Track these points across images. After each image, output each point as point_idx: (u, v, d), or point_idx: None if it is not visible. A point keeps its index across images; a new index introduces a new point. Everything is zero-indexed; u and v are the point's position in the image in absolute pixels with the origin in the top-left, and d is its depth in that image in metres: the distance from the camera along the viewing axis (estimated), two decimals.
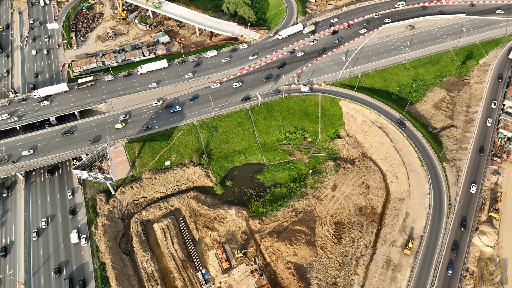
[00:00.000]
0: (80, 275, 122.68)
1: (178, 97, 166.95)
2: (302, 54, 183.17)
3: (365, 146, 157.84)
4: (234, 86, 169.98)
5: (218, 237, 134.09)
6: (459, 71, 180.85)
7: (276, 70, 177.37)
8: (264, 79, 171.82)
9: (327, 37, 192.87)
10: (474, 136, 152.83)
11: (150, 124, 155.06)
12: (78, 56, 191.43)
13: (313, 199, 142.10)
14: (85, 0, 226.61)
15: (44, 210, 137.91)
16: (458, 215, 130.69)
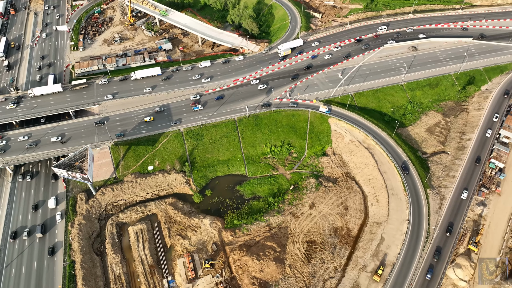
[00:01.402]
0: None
1: (175, 103, 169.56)
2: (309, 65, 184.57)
3: (350, 166, 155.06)
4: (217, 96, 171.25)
5: (189, 245, 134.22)
6: (458, 96, 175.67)
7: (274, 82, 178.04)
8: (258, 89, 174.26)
9: (329, 52, 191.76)
10: (464, 164, 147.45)
11: (178, 121, 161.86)
12: (82, 58, 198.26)
13: (289, 215, 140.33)
14: (98, 5, 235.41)
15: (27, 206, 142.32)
16: (435, 244, 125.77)
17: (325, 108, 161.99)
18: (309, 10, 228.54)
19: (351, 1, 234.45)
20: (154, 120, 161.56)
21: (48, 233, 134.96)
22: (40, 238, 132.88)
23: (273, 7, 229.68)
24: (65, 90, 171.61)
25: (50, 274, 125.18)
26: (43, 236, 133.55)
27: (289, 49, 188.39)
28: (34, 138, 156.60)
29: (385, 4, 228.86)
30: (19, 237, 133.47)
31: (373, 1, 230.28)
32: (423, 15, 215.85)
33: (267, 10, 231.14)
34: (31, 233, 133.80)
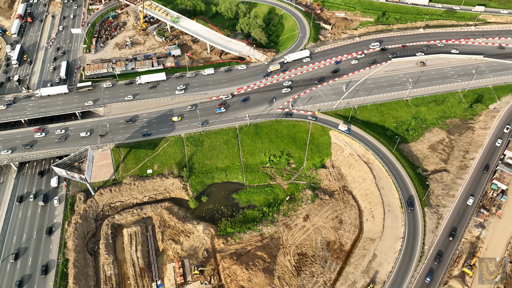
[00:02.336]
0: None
1: (178, 108, 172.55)
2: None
3: (348, 179, 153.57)
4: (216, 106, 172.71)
5: (181, 251, 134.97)
6: (465, 114, 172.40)
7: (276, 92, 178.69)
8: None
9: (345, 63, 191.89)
10: (465, 184, 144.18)
11: (205, 121, 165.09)
12: (93, 61, 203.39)
13: (282, 226, 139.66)
14: (113, 10, 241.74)
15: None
16: (428, 265, 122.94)
17: (345, 126, 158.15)
18: (319, 22, 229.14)
19: (362, 14, 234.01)
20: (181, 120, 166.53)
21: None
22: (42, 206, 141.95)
23: (284, 17, 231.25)
24: (71, 91, 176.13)
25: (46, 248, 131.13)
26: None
27: (277, 65, 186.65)
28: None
29: (396, 18, 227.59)
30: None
31: (384, 15, 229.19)
32: (434, 30, 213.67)
33: (277, 20, 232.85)
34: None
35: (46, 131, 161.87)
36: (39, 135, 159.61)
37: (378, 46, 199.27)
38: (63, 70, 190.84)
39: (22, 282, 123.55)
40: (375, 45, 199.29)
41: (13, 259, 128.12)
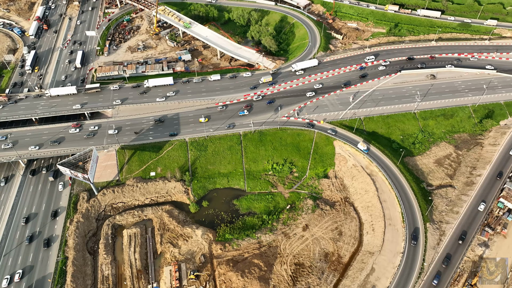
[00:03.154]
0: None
1: (185, 112, 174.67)
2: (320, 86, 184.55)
3: (350, 191, 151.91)
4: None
5: (178, 254, 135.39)
6: (474, 129, 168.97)
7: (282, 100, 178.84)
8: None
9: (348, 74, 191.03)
10: (470, 201, 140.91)
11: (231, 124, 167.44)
12: (106, 63, 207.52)
13: (281, 235, 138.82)
14: (128, 14, 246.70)
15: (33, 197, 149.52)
16: (428, 282, 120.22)
17: (364, 146, 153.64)
18: (330, 31, 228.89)
19: (375, 24, 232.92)
20: (208, 121, 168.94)
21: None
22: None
23: (295, 26, 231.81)
24: (79, 92, 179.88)
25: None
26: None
27: (269, 77, 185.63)
28: (50, 135, 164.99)
29: (409, 30, 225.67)
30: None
31: (397, 26, 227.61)
32: (447, 43, 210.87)
33: (288, 29, 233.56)
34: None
35: (80, 128, 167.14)
36: (74, 130, 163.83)
37: (373, 59, 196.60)
38: (78, 59, 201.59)
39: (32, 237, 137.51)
40: (370, 58, 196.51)
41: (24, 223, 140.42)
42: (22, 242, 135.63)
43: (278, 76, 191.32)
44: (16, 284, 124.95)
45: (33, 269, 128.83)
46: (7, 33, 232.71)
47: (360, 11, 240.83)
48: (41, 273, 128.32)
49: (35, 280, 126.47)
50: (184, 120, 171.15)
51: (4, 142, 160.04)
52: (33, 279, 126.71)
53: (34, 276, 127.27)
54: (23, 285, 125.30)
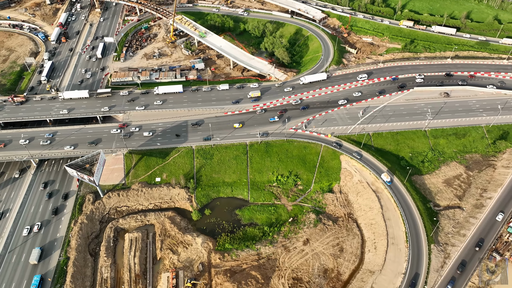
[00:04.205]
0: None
1: (193, 119, 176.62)
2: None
3: (354, 207, 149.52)
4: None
5: (177, 261, 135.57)
6: (487, 150, 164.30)
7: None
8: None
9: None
10: (478, 224, 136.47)
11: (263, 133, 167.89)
12: (121, 69, 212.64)
13: (281, 248, 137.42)
14: (146, 22, 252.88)
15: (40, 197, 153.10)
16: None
17: (388, 178, 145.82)
18: (345, 45, 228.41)
19: (390, 40, 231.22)
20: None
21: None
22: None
23: (309, 39, 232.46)
24: (91, 96, 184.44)
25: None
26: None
27: (258, 92, 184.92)
28: (61, 137, 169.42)
29: (425, 47, 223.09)
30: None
31: (412, 42, 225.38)
32: (463, 61, 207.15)
33: (302, 41, 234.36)
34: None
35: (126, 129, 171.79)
36: (115, 131, 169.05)
37: (366, 78, 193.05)
38: (99, 50, 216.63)
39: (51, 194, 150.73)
40: (363, 77, 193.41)
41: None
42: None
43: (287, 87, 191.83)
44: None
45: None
46: (31, 36, 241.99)
47: (376, 26, 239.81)
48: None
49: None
50: (192, 128, 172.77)
51: (47, 139, 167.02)
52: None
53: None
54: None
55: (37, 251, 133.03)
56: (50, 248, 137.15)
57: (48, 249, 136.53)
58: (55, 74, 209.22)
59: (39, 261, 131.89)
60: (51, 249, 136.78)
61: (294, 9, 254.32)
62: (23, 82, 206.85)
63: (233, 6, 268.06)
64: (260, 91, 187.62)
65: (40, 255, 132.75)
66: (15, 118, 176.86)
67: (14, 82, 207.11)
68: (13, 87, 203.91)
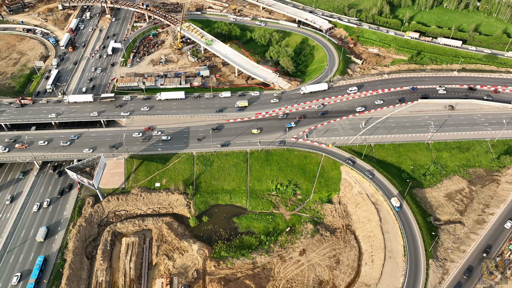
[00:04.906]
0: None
1: (195, 126, 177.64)
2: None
3: (352, 218, 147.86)
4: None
5: (172, 267, 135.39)
6: (491, 165, 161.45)
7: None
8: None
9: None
10: (480, 240, 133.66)
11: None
12: (128, 74, 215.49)
13: (276, 257, 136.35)
14: (155, 28, 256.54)
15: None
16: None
17: (397, 203, 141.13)
18: (350, 55, 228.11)
19: (397, 51, 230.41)
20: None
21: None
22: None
23: (315, 49, 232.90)
24: (95, 100, 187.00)
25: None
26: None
27: (245, 102, 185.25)
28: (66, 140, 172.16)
29: (431, 59, 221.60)
30: None
31: (419, 54, 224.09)
32: (469, 74, 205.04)
33: (308, 51, 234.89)
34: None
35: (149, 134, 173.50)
36: (137, 134, 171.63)
37: (356, 91, 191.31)
38: (110, 47, 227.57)
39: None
40: (353, 90, 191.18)
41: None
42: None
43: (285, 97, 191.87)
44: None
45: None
46: (42, 41, 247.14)
47: (383, 37, 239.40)
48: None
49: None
50: (194, 134, 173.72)
51: (68, 141, 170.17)
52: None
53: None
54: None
55: (43, 230, 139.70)
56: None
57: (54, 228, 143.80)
58: (62, 78, 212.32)
59: (45, 239, 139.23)
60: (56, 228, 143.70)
61: (301, 18, 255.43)
62: (31, 85, 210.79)
63: (240, 15, 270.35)
64: (278, 98, 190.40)
65: (46, 233, 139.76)
66: (21, 120, 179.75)
67: (23, 85, 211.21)
68: (22, 90, 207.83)
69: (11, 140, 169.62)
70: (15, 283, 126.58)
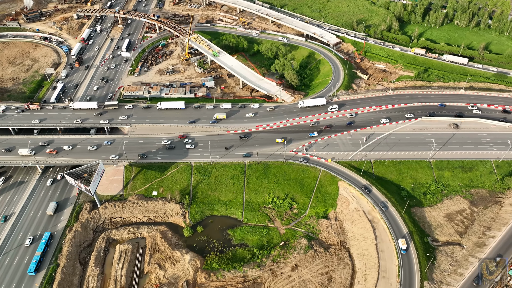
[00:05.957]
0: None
1: (195, 136, 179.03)
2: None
3: (348, 235, 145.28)
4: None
5: (163, 277, 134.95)
6: (495, 186, 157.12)
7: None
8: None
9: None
10: (478, 264, 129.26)
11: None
12: (135, 83, 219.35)
13: (268, 271, 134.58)
14: (164, 39, 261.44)
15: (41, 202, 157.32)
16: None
17: (404, 245, 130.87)
18: (356, 70, 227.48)
19: (404, 67, 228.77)
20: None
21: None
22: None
23: (321, 63, 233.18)
24: (99, 108, 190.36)
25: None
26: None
27: (223, 114, 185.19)
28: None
29: (439, 76, 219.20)
30: None
31: (426, 71, 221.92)
32: (477, 92, 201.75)
33: (314, 65, 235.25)
34: None
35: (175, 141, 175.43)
36: (165, 142, 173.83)
37: (337, 109, 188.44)
38: (125, 45, 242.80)
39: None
40: (333, 108, 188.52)
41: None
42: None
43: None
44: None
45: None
46: (55, 48, 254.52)
47: (390, 53, 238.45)
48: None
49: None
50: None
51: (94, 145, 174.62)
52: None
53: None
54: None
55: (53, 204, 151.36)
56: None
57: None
58: (67, 91, 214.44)
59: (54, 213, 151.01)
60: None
61: (309, 33, 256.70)
62: (41, 91, 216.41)
63: (249, 28, 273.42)
64: (254, 113, 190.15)
65: (55, 208, 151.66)
66: (28, 125, 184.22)
67: (33, 91, 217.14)
68: (32, 95, 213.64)
69: (44, 143, 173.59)
70: (28, 245, 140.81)
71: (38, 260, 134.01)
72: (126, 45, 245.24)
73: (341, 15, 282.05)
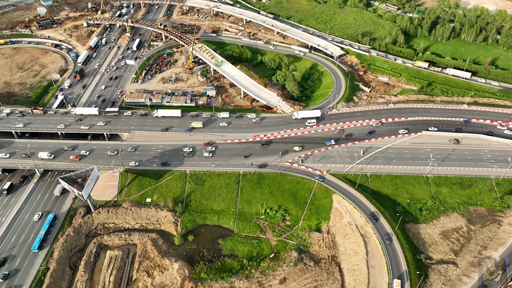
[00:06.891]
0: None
1: (197, 145, 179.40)
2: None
3: (339, 249, 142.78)
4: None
5: (150, 285, 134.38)
6: (494, 204, 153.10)
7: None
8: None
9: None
10: (472, 284, 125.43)
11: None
12: (138, 90, 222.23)
13: (256, 283, 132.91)
14: (170, 48, 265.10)
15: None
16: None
17: (399, 286, 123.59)
18: (359, 83, 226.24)
19: (407, 81, 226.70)
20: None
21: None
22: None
23: (323, 74, 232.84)
24: (100, 114, 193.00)
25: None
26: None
27: (200, 124, 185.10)
28: None
29: (442, 90, 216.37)
30: None
31: (430, 85, 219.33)
32: (480, 108, 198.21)
33: (316, 76, 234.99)
34: None
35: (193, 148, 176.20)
36: (187, 149, 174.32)
37: (314, 123, 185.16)
38: (135, 44, 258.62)
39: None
40: (311, 122, 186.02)
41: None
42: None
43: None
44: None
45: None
46: (63, 55, 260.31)
47: (394, 66, 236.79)
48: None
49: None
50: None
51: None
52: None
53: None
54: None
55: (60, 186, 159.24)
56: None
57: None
58: (68, 101, 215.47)
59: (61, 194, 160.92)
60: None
61: (314, 44, 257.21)
62: (47, 96, 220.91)
63: (255, 38, 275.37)
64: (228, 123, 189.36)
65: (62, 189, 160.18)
66: (30, 129, 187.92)
67: (39, 96, 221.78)
68: (37, 100, 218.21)
69: (70, 148, 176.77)
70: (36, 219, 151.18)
71: (41, 239, 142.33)
72: (137, 44, 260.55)
73: (347, 27, 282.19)
